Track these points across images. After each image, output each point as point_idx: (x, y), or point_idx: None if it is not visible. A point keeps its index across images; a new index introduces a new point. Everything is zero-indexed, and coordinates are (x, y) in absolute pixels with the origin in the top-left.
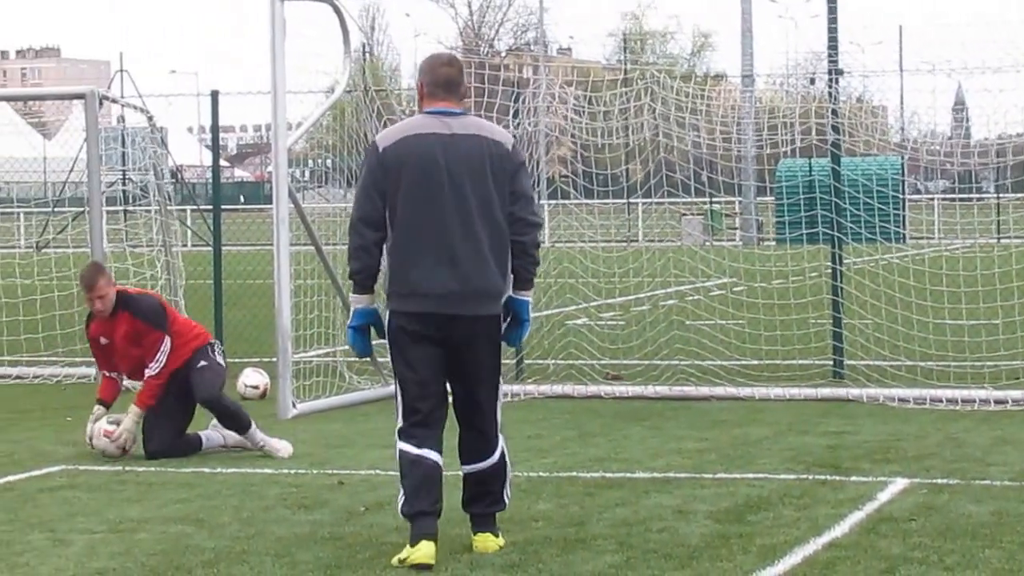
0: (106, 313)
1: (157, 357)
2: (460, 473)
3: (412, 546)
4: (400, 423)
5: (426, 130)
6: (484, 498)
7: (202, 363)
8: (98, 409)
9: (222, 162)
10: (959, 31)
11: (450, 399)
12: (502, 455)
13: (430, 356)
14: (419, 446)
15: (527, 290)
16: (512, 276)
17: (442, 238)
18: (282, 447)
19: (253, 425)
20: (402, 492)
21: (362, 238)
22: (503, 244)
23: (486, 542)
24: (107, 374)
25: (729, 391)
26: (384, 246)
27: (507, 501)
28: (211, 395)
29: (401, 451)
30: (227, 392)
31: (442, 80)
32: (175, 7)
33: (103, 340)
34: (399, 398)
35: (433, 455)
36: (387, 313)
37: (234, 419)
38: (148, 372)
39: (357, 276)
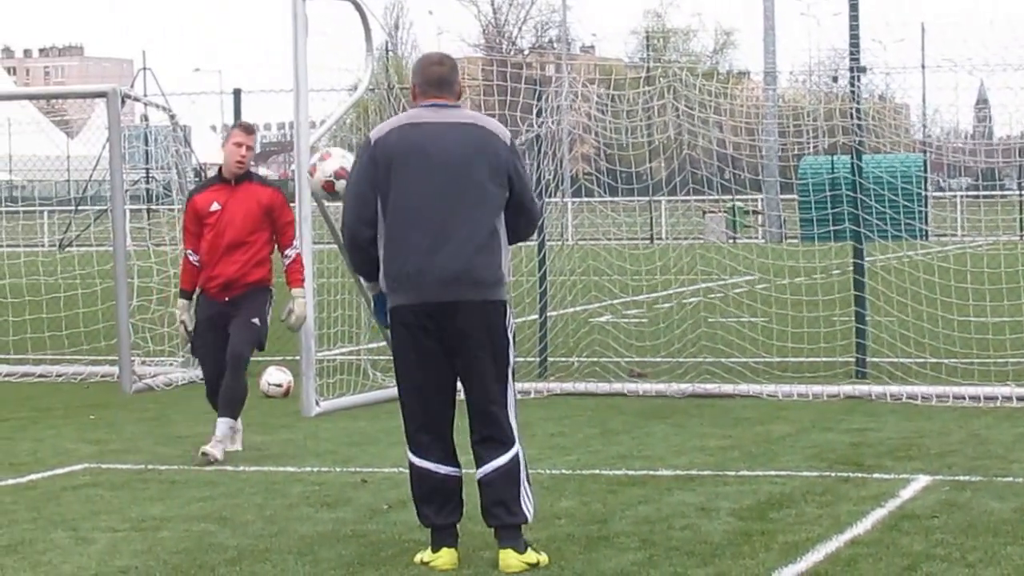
0: (242, 169)
1: (294, 241)
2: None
3: (433, 551)
4: (404, 427)
5: (418, 120)
6: (497, 507)
7: (255, 319)
8: (182, 303)
9: None
10: (981, 29)
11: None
12: (515, 459)
13: (428, 353)
14: (424, 456)
15: None
16: None
17: (433, 226)
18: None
19: (240, 421)
20: (412, 501)
21: (354, 239)
22: (496, 231)
23: (507, 559)
24: (191, 255)
25: (752, 389)
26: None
27: (527, 514)
28: (244, 355)
29: (409, 461)
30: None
31: (434, 79)
32: (199, 5)
33: (215, 206)
34: (400, 400)
35: (441, 468)
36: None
37: (235, 399)
38: (292, 251)
39: (360, 272)
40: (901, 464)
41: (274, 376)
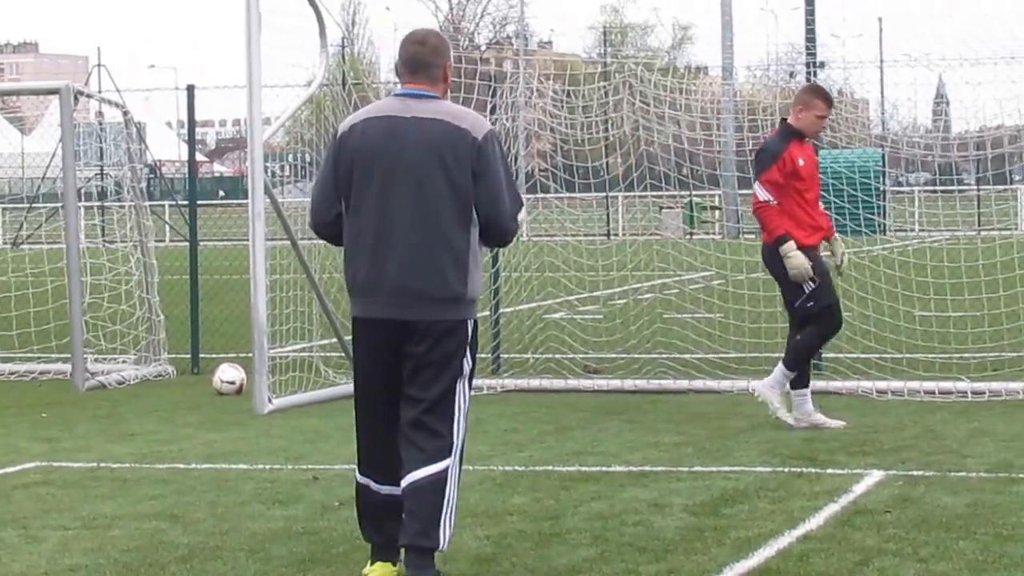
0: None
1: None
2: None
3: (371, 564)
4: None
5: (384, 113)
6: (411, 524)
7: None
8: (792, 243)
9: (201, 157)
10: (939, 24)
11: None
12: (444, 473)
13: (377, 369)
14: (365, 472)
15: None
16: None
17: (386, 237)
18: None
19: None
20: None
21: (322, 237)
22: (458, 241)
23: None
24: (778, 204)
25: (708, 384)
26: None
27: (443, 540)
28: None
29: (355, 472)
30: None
31: (408, 59)
32: (154, 1)
33: (800, 161)
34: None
35: (383, 488)
36: None
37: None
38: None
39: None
40: (855, 459)
41: (227, 373)
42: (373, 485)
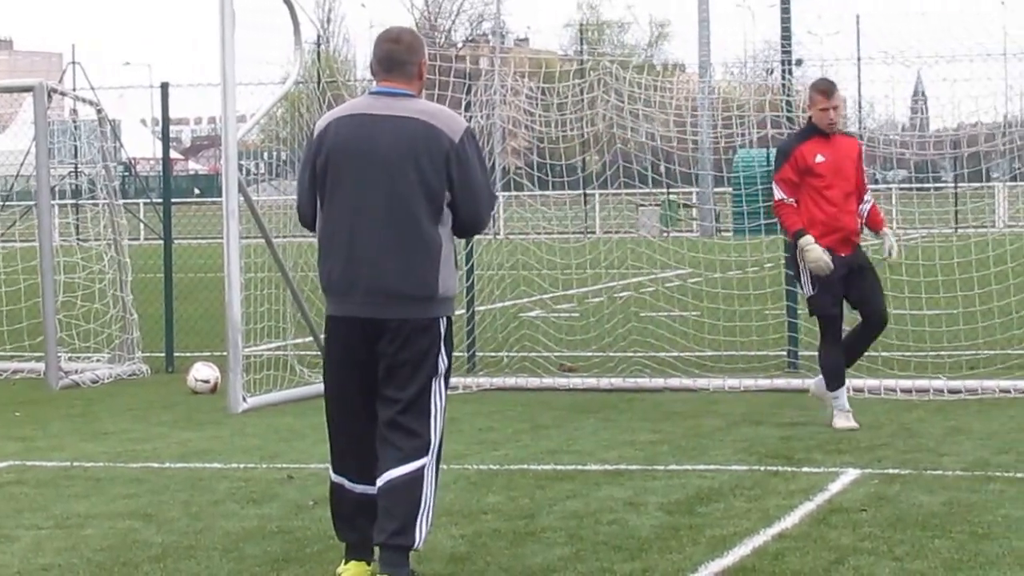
0: (835, 127)
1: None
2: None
3: (344, 563)
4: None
5: (358, 111)
6: (388, 521)
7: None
8: (810, 238)
9: (177, 154)
10: (915, 21)
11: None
12: (420, 472)
13: (352, 368)
14: (339, 471)
15: None
16: None
17: (359, 235)
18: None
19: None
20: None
21: (314, 233)
22: (432, 240)
23: None
24: (793, 203)
25: (683, 382)
26: None
27: (419, 539)
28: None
29: (329, 473)
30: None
31: (383, 57)
32: None
33: (819, 158)
34: (325, 409)
35: (357, 487)
36: None
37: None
38: (871, 197)
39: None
40: (831, 457)
41: (201, 372)
42: (347, 484)
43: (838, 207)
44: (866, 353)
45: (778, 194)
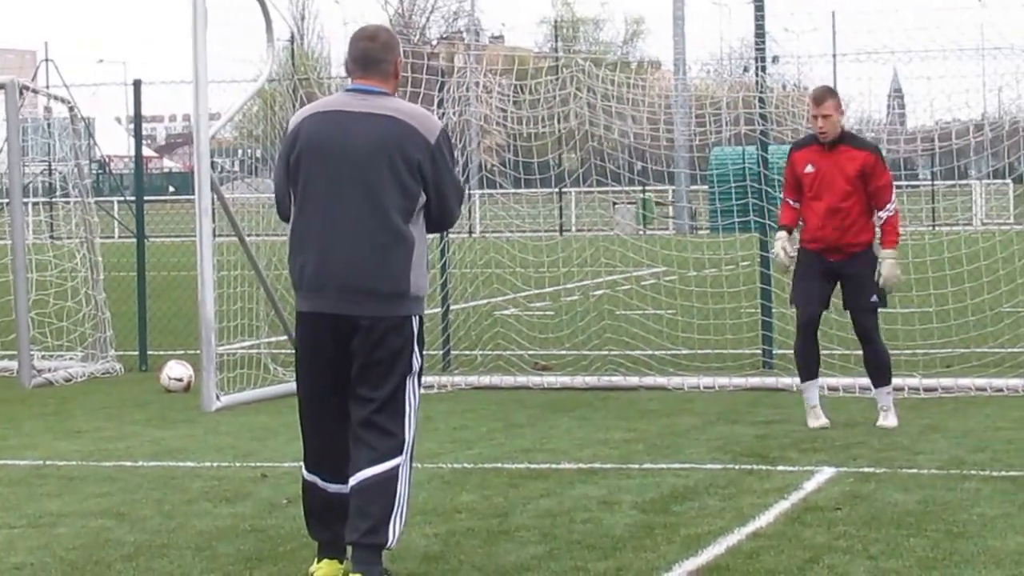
0: (828, 138)
1: (891, 197)
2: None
3: (317, 562)
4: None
5: (333, 108)
6: (360, 520)
7: (874, 296)
8: (781, 233)
9: (151, 152)
10: (891, 17)
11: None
12: (393, 471)
13: (324, 366)
14: (311, 469)
15: None
16: None
17: (329, 231)
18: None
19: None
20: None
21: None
22: (404, 238)
23: None
24: (790, 202)
25: (658, 381)
26: None
27: (392, 538)
28: (873, 326)
29: (301, 471)
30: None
31: (358, 56)
32: None
33: (808, 168)
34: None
35: (330, 486)
36: None
37: (882, 367)
38: (885, 213)
39: None
40: (806, 456)
41: (174, 370)
42: (320, 483)
43: (820, 219)
44: (840, 351)
45: (783, 190)
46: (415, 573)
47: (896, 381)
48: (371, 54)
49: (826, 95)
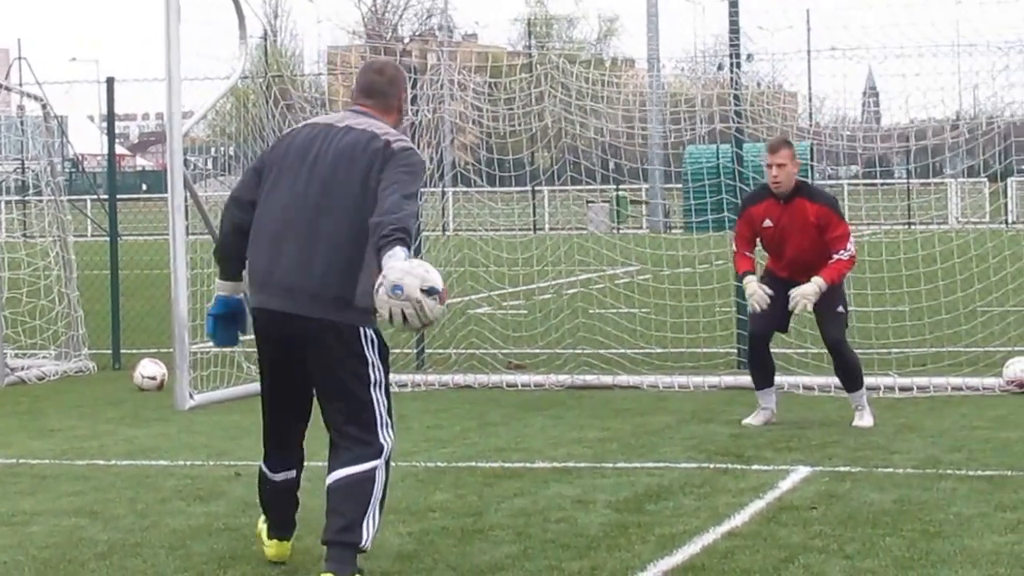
0: (782, 188)
1: (847, 246)
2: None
3: (267, 540)
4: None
5: (324, 121)
6: (334, 519)
7: (840, 307)
8: (749, 277)
9: (124, 150)
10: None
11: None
12: (370, 472)
13: (274, 363)
14: (265, 458)
15: None
16: None
17: (286, 230)
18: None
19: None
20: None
21: (226, 216)
22: (353, 247)
23: None
24: (746, 253)
25: (632, 380)
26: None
27: (366, 538)
28: (840, 337)
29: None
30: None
31: (364, 85)
32: None
33: (766, 223)
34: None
35: (277, 475)
36: None
37: (852, 373)
38: (837, 256)
39: (215, 257)
40: (781, 455)
41: (148, 369)
42: (269, 473)
43: (783, 265)
44: (814, 350)
45: (734, 243)
46: (389, 572)
47: (871, 380)
48: (376, 87)
49: (781, 145)
